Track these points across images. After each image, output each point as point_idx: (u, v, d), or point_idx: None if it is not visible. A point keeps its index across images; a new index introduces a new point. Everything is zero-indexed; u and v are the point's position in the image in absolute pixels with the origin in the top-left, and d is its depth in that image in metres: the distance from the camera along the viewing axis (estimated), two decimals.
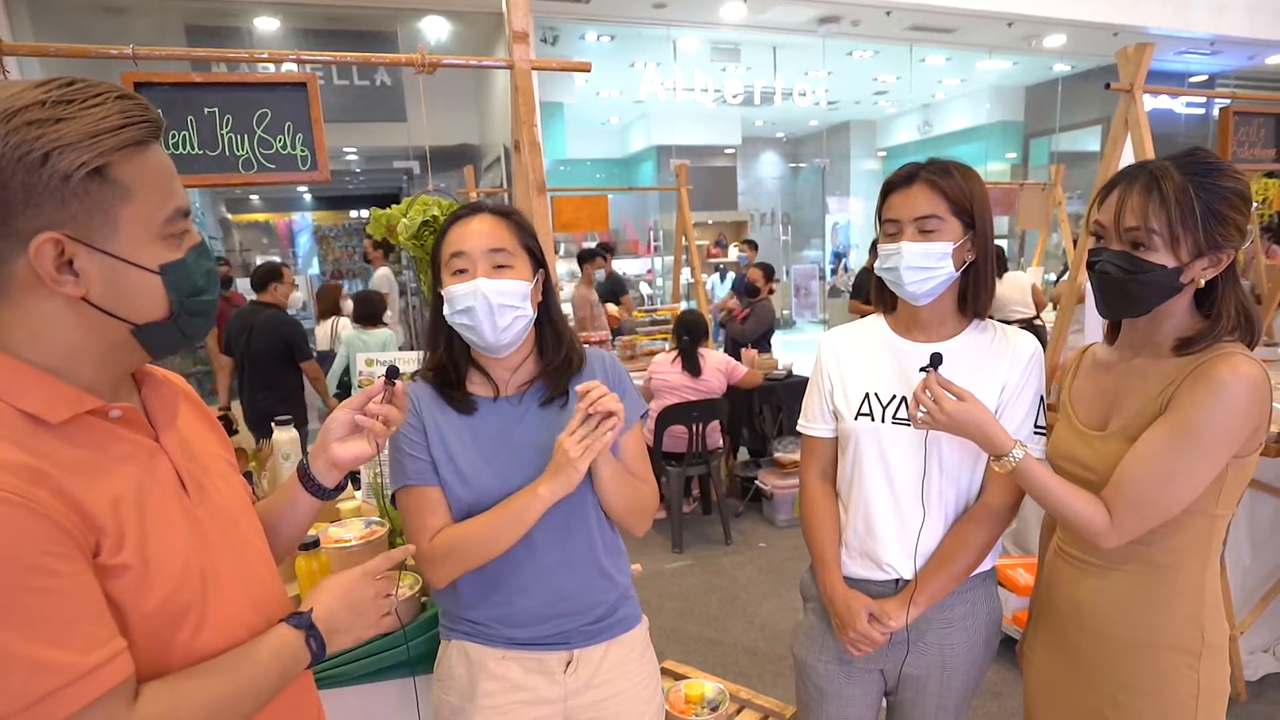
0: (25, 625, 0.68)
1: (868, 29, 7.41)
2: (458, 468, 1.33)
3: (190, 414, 0.99)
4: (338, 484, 1.11)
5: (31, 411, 0.75)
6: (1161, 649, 1.27)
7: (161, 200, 0.79)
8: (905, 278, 1.39)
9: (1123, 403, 1.30)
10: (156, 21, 6.17)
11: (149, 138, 0.78)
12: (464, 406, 1.36)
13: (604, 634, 1.42)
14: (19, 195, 0.71)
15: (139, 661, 0.77)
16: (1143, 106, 2.61)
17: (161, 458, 0.86)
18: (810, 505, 1.58)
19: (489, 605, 1.37)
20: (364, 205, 12.46)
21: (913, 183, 1.39)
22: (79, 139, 0.72)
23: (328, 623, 0.95)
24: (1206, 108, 10.21)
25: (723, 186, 11.61)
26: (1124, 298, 1.24)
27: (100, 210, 0.75)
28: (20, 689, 0.67)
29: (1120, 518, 1.21)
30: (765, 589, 3.86)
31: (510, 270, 1.30)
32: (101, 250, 0.76)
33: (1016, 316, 5.59)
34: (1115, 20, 7.11)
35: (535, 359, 1.40)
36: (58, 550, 0.70)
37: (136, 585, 0.77)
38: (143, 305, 0.80)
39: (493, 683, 1.37)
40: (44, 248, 0.73)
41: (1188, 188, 1.16)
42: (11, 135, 0.70)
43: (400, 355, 2.14)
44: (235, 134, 1.82)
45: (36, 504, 0.69)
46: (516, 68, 2.01)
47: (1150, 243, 1.18)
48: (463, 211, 1.36)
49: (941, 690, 1.52)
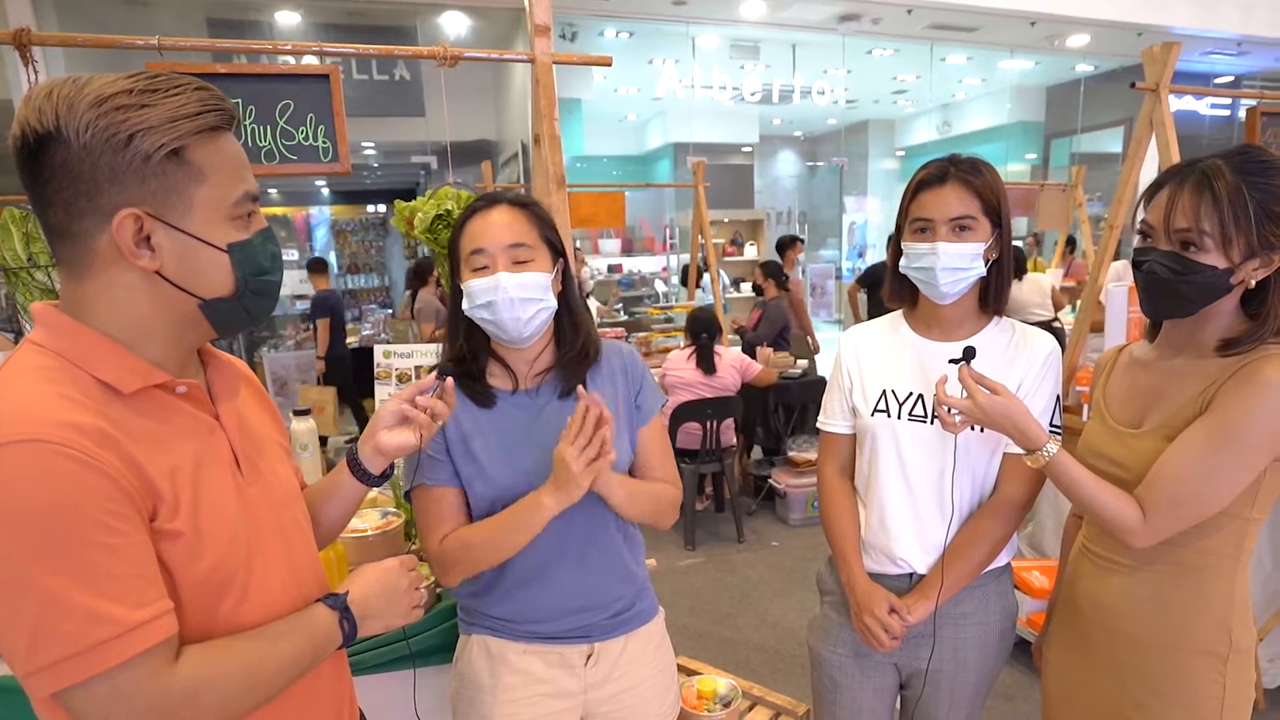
0: (85, 576, 0.73)
1: (888, 27, 7.36)
2: (478, 463, 1.33)
3: (250, 397, 1.04)
4: (383, 471, 1.15)
5: (107, 381, 0.81)
6: (1189, 652, 1.25)
7: (232, 183, 0.85)
8: (941, 278, 1.38)
9: (1161, 401, 1.27)
10: (178, 14, 6.23)
11: (223, 125, 0.84)
12: (484, 400, 1.36)
13: (623, 627, 1.43)
14: (105, 174, 0.78)
15: (184, 627, 0.81)
16: (1168, 107, 2.58)
17: (220, 435, 0.92)
18: (830, 500, 1.58)
19: (512, 601, 1.38)
20: (381, 200, 12.51)
21: (945, 182, 1.38)
22: (160, 123, 0.79)
23: (362, 606, 0.99)
24: (1232, 109, 10.07)
25: (739, 185, 11.56)
26: (1172, 299, 1.21)
27: (177, 190, 0.81)
28: (74, 635, 0.72)
29: (1154, 516, 1.19)
30: (777, 587, 3.85)
31: (531, 263, 1.30)
32: (176, 227, 0.82)
33: (1035, 318, 5.54)
34: (1141, 20, 7.02)
35: (554, 348, 1.40)
36: (119, 510, 0.75)
37: (187, 552, 0.82)
38: (211, 281, 0.85)
39: (514, 676, 1.37)
40: (125, 222, 0.79)
41: (1241, 187, 1.13)
42: (101, 119, 0.77)
43: (418, 349, 2.14)
44: (258, 125, 1.84)
45: (104, 465, 0.74)
46: (538, 61, 2.02)
47: (1202, 244, 1.15)
48: (480, 204, 1.34)
49: (954, 685, 1.52)
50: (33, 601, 0.71)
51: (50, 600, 0.71)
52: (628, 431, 1.41)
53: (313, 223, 12.35)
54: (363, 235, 12.56)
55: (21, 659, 0.73)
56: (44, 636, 0.72)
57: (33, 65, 1.68)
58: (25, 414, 0.74)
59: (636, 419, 1.43)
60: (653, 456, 1.44)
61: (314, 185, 11.93)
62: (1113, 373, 1.42)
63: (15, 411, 0.74)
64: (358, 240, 12.54)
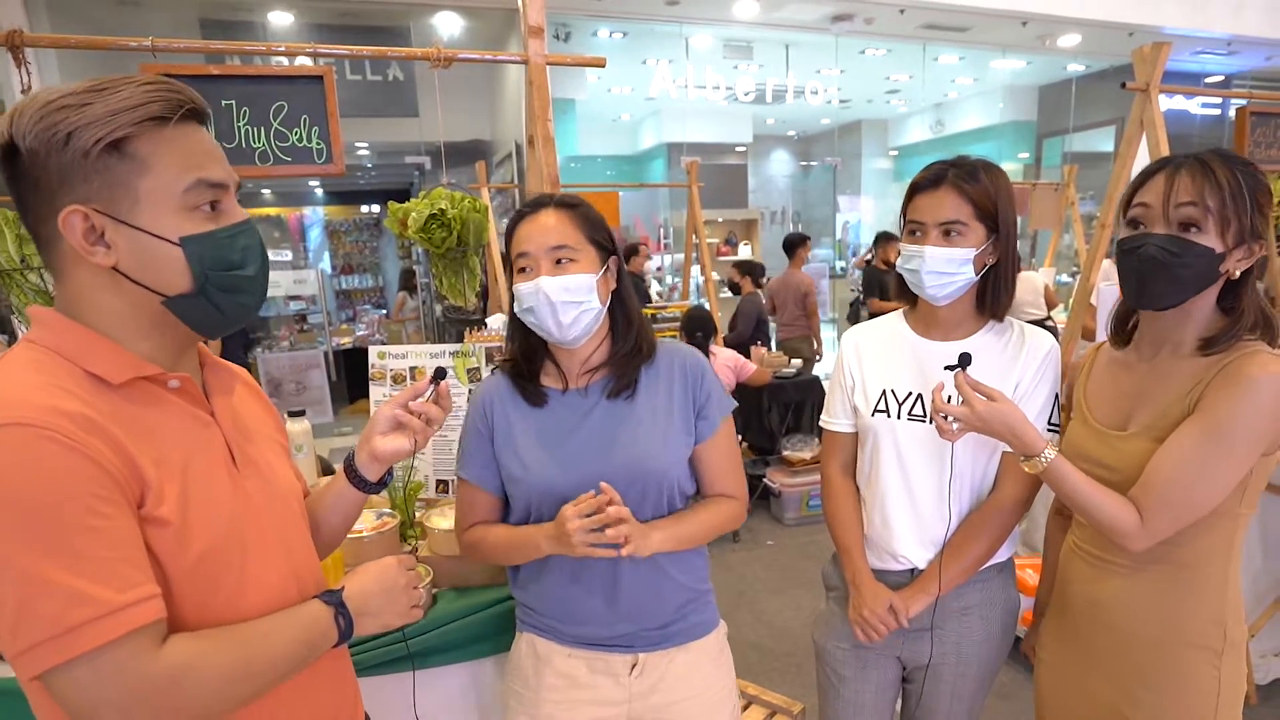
0: (69, 558, 0.73)
1: (881, 27, 7.38)
2: (522, 460, 1.35)
3: (247, 395, 1.05)
4: (380, 478, 1.15)
5: (96, 372, 0.82)
6: (1186, 647, 1.27)
7: (180, 172, 0.83)
8: (926, 281, 1.40)
9: (1146, 402, 1.29)
10: (171, 14, 6.20)
11: (166, 114, 0.81)
12: (535, 399, 1.38)
13: (671, 640, 1.40)
14: (54, 175, 0.79)
15: (178, 617, 0.82)
16: (1159, 107, 2.60)
17: (214, 429, 0.92)
18: (833, 497, 1.59)
19: (554, 603, 1.39)
20: (375, 200, 12.48)
21: (939, 186, 1.39)
22: (97, 118, 0.78)
23: (359, 603, 0.99)
24: (1222, 108, 10.12)
25: (733, 184, 11.56)
26: (1167, 284, 1.21)
27: (121, 184, 0.80)
28: (56, 616, 0.72)
29: (1151, 518, 1.20)
30: (773, 586, 3.86)
31: (573, 265, 1.30)
32: (124, 222, 0.81)
33: (1028, 317, 5.57)
34: (1131, 20, 7.05)
35: (607, 347, 1.39)
36: (105, 494, 0.76)
37: (175, 540, 0.82)
38: (167, 277, 0.84)
39: (557, 679, 1.38)
40: (69, 219, 0.80)
41: (1236, 173, 1.16)
42: (42, 121, 0.78)
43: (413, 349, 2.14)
44: (252, 126, 1.83)
45: (88, 449, 0.76)
46: (532, 63, 2.02)
47: (1204, 223, 1.17)
48: (527, 208, 1.36)
49: (956, 679, 1.53)
50: (15, 583, 0.72)
51: (33, 581, 0.72)
52: (681, 437, 1.37)
53: (306, 223, 12.31)
54: (356, 236, 12.53)
55: (8, 640, 0.73)
56: (26, 618, 0.72)
57: (25, 67, 1.67)
58: (11, 400, 0.75)
59: (700, 429, 1.39)
60: (717, 469, 1.40)
61: (307, 186, 11.88)
62: (1092, 373, 1.43)
63: (2, 399, 0.76)
64: (351, 241, 12.50)
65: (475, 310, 2.43)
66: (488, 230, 2.34)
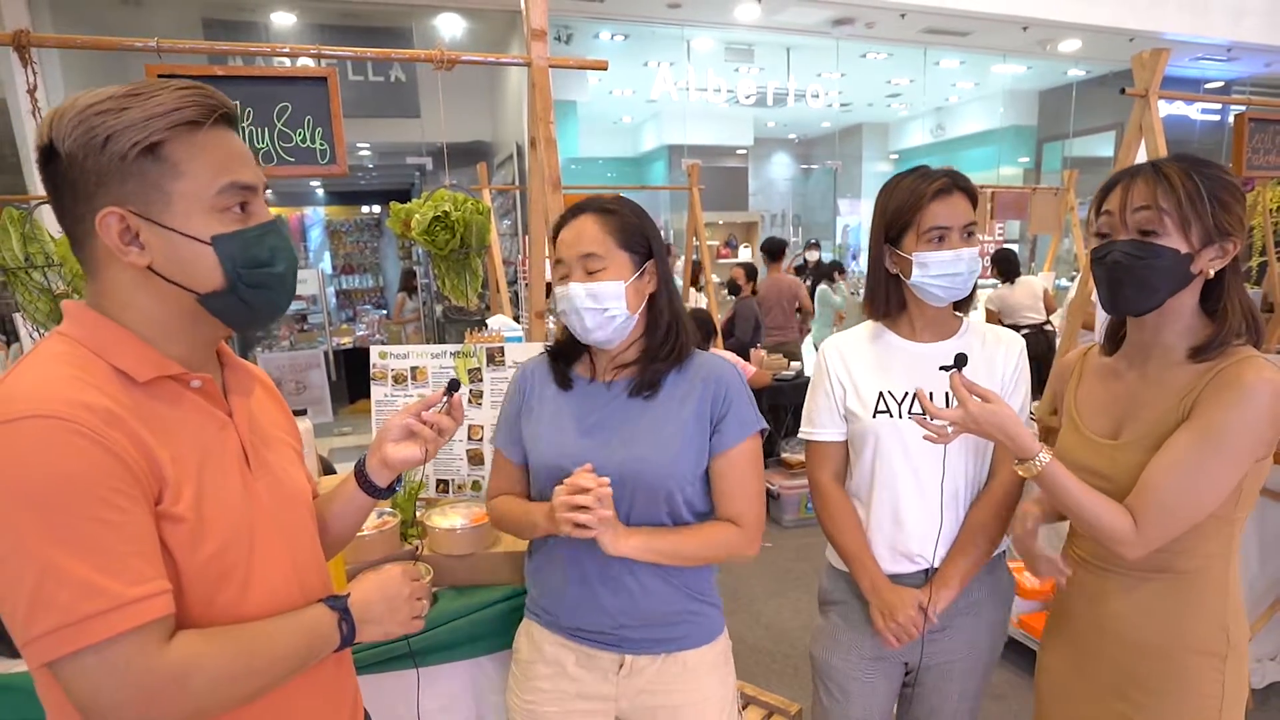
0: (84, 549, 0.74)
1: (882, 31, 7.40)
2: (536, 436, 1.42)
3: (265, 398, 1.07)
4: (389, 484, 1.16)
5: (123, 369, 0.84)
6: (1189, 653, 1.27)
7: (213, 175, 0.85)
8: (966, 285, 1.44)
9: (1139, 411, 1.29)
10: (173, 14, 6.21)
11: (200, 118, 0.84)
12: (563, 382, 1.44)
13: (661, 646, 1.39)
14: (91, 178, 0.82)
15: (185, 614, 0.83)
16: (1158, 112, 2.61)
17: (230, 430, 0.94)
18: (832, 506, 1.57)
19: (551, 590, 1.43)
20: (376, 201, 12.50)
21: (953, 191, 1.43)
22: (134, 122, 0.81)
23: (361, 611, 1.00)
24: (1222, 114, 10.15)
25: (734, 187, 11.57)
26: (1137, 288, 1.22)
27: (155, 186, 0.83)
28: (67, 605, 0.73)
29: (1146, 525, 1.20)
30: (771, 588, 3.87)
31: (603, 273, 1.33)
32: (158, 223, 0.84)
33: (1027, 321, 5.58)
34: (1132, 25, 7.07)
35: (640, 346, 1.41)
36: (124, 488, 0.77)
37: (189, 537, 0.84)
38: (200, 275, 0.87)
39: (546, 666, 1.42)
40: (106, 220, 0.82)
41: (1191, 174, 1.19)
42: (81, 125, 0.80)
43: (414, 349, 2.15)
44: (256, 127, 1.84)
45: (111, 443, 0.77)
46: (534, 65, 2.03)
47: (1161, 225, 1.19)
48: (569, 214, 1.39)
49: (965, 674, 1.54)
50: (33, 570, 0.73)
51: (49, 570, 0.73)
52: (691, 449, 1.35)
53: (307, 223, 12.33)
54: (357, 236, 12.55)
55: (20, 627, 0.75)
56: (40, 605, 0.73)
57: (31, 66, 1.68)
58: (40, 392, 0.77)
59: (714, 442, 1.36)
60: (726, 488, 1.37)
61: (309, 186, 11.90)
62: (1081, 381, 1.44)
63: (30, 390, 0.77)
64: (352, 241, 12.52)
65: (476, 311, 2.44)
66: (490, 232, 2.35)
